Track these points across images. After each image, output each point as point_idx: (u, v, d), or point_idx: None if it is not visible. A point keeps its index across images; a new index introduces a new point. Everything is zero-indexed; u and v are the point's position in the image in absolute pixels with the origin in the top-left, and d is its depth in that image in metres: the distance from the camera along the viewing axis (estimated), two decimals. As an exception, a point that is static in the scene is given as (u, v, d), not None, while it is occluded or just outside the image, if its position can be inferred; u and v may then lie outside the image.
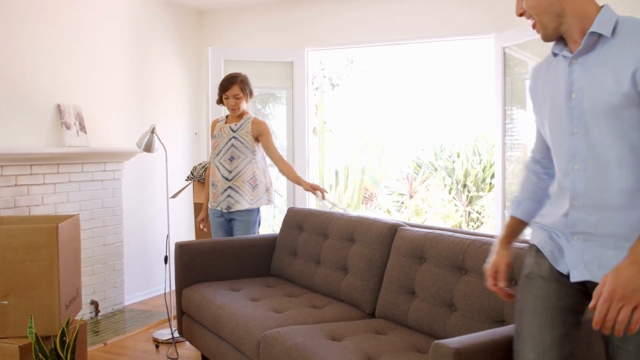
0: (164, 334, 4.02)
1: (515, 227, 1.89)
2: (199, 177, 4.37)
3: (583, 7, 1.57)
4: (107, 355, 3.72)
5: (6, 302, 2.72)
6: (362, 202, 8.56)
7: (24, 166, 3.92)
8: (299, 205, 5.03)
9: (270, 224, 6.53)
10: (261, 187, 3.77)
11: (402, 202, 8.38)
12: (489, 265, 1.86)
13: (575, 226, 1.61)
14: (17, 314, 2.72)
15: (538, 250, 1.72)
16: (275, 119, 5.75)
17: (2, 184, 3.79)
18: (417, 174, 8.50)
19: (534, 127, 1.89)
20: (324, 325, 2.63)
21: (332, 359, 2.21)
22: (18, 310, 2.72)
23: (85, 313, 4.35)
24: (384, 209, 8.46)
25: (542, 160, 1.86)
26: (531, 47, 4.14)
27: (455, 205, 7.96)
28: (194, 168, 4.49)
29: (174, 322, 4.01)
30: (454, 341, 1.68)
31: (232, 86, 3.76)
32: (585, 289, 1.64)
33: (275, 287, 3.39)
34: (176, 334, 3.86)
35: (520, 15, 1.69)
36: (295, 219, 3.66)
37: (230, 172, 3.74)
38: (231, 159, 3.76)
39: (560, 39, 1.64)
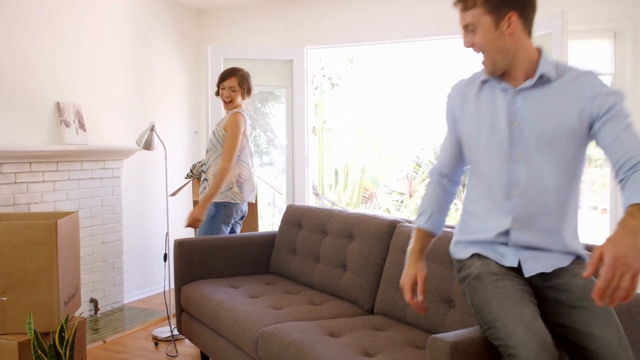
0: (164, 331, 4.02)
1: (425, 239, 1.99)
2: (199, 175, 4.37)
3: (528, 50, 1.76)
4: (106, 352, 3.72)
5: (5, 299, 2.72)
6: (362, 202, 8.56)
7: (23, 164, 3.92)
8: (298, 202, 5.04)
9: (269, 223, 6.53)
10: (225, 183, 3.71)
11: (402, 202, 8.38)
12: (406, 279, 1.92)
13: (517, 242, 1.79)
14: (16, 310, 2.72)
15: (479, 256, 1.81)
16: (275, 118, 5.75)
17: (2, 181, 3.79)
18: (417, 173, 8.50)
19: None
20: (322, 321, 2.64)
21: (330, 355, 2.21)
22: (17, 307, 2.72)
23: (84, 311, 4.35)
24: (383, 208, 8.46)
25: (450, 174, 2.00)
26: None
27: (455, 204, 7.97)
28: (194, 166, 4.49)
29: (174, 320, 4.01)
30: (451, 335, 1.68)
31: (231, 77, 3.76)
32: (529, 280, 1.78)
33: (274, 284, 3.39)
34: (175, 332, 3.86)
35: (469, 47, 1.81)
36: (294, 216, 3.66)
37: (205, 164, 3.79)
38: (207, 151, 3.80)
39: None
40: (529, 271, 1.77)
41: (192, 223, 3.58)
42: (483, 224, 1.83)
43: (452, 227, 2.59)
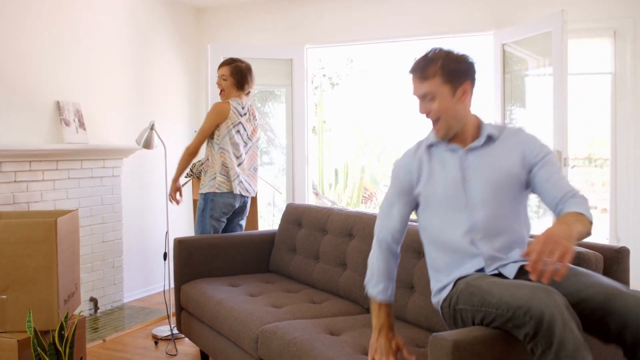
0: (163, 330, 4.02)
1: (389, 311, 2.11)
2: (198, 175, 4.36)
3: (471, 117, 2.04)
4: (106, 351, 3.72)
5: (5, 297, 2.72)
6: (362, 202, 8.56)
7: (23, 162, 3.92)
8: (298, 202, 5.03)
9: (269, 223, 6.53)
10: (209, 172, 3.69)
11: (402, 201, 8.37)
12: (391, 350, 2.02)
13: (492, 269, 1.96)
14: (16, 308, 2.72)
15: (461, 278, 1.97)
16: (275, 118, 5.75)
17: (1, 180, 3.79)
18: (417, 173, 8.48)
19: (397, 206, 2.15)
20: (322, 320, 2.63)
21: (330, 353, 2.20)
22: (17, 305, 2.72)
23: (84, 310, 4.35)
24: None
25: (400, 238, 2.16)
26: (530, 44, 4.14)
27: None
28: (193, 165, 4.47)
29: (173, 319, 4.00)
30: (452, 334, 1.68)
31: (224, 66, 3.76)
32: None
33: (274, 282, 3.39)
34: (175, 331, 3.86)
35: (424, 113, 2.03)
36: (294, 215, 3.66)
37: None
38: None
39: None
40: (510, 272, 1.92)
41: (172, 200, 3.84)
42: (457, 271, 2.00)
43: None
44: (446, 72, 1.96)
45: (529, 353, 1.72)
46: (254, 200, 4.28)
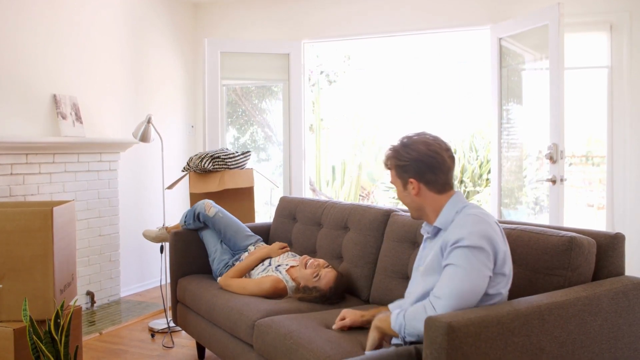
0: (160, 323, 4.01)
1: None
2: (195, 168, 4.35)
3: (437, 203, 2.01)
4: (102, 344, 3.71)
5: (1, 286, 2.72)
6: (359, 200, 8.56)
7: (19, 155, 3.91)
8: (295, 195, 5.03)
9: (265, 219, 6.52)
10: None
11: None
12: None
13: None
14: (12, 297, 2.71)
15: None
16: (272, 114, 5.74)
17: (-2, 172, 3.79)
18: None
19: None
20: (318, 313, 2.62)
21: (327, 347, 2.18)
22: (12, 294, 2.71)
23: (81, 304, 4.34)
24: (381, 205, 8.45)
25: None
26: (526, 38, 4.15)
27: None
28: (190, 159, 4.47)
29: (170, 312, 4.00)
30: (447, 316, 1.68)
31: None
32: None
33: (270, 274, 3.38)
34: (172, 324, 3.85)
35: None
36: (288, 209, 3.65)
37: None
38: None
39: None
40: None
41: None
42: None
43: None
44: (396, 167, 2.05)
45: (522, 335, 1.73)
46: (250, 192, 4.28)
